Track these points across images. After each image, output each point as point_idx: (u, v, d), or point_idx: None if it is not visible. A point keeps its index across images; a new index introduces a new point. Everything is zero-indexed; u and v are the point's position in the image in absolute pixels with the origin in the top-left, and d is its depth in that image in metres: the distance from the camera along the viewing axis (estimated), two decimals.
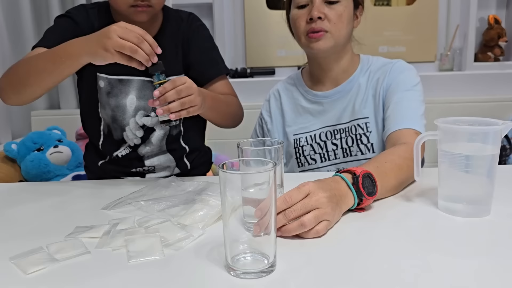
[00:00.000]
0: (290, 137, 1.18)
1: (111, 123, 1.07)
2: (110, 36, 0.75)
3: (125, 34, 0.75)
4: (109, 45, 0.75)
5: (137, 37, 0.76)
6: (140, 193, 0.85)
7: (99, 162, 1.13)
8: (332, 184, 0.70)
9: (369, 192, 0.71)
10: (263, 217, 0.53)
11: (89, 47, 0.79)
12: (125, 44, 0.75)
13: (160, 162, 1.11)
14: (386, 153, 0.85)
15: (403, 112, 0.99)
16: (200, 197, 0.76)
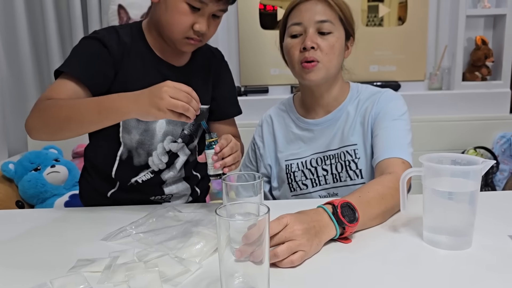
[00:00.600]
0: (282, 163, 1.22)
1: (135, 148, 1.05)
2: (163, 97, 0.78)
3: (176, 94, 0.79)
4: (162, 106, 0.78)
5: (187, 97, 0.80)
6: (139, 223, 0.88)
7: (109, 191, 1.10)
8: (313, 216, 0.74)
9: (350, 220, 0.75)
10: (248, 244, 0.57)
11: (140, 106, 0.81)
12: (178, 104, 0.78)
13: (179, 191, 1.14)
14: (371, 183, 0.89)
15: (390, 141, 1.04)
16: (196, 229, 0.80)
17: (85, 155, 1.16)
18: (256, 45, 2.33)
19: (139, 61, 1.02)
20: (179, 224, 0.86)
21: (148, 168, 1.08)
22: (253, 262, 0.58)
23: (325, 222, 0.74)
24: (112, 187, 1.10)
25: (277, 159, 1.24)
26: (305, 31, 1.08)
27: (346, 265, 0.69)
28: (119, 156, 1.06)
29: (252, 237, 0.57)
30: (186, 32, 0.95)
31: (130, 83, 0.98)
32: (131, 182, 1.08)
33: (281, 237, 0.69)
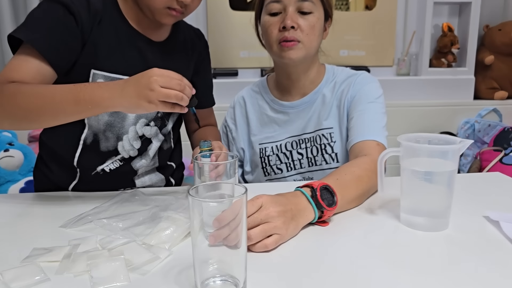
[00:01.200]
0: (256, 147, 1.18)
1: (102, 131, 0.95)
2: (153, 87, 0.71)
3: (167, 83, 0.72)
4: (153, 98, 0.71)
5: (179, 84, 0.73)
6: (102, 209, 0.81)
7: (70, 184, 0.99)
8: (290, 198, 0.71)
9: (329, 203, 0.72)
10: (220, 228, 0.53)
11: (127, 99, 0.73)
12: (171, 94, 0.72)
13: (152, 182, 1.06)
14: (347, 165, 0.87)
15: (365, 124, 1.02)
16: (166, 214, 0.75)
17: (41, 140, 1.03)
18: (225, 27, 2.26)
19: (111, 32, 0.91)
20: (146, 208, 0.80)
21: (117, 155, 0.98)
22: (228, 247, 0.54)
23: (303, 205, 0.71)
24: (73, 179, 0.99)
25: (250, 142, 1.20)
26: (284, 9, 1.03)
27: (324, 248, 0.67)
28: (83, 140, 0.96)
29: (224, 220, 0.53)
30: (168, 2, 0.87)
31: (100, 57, 0.89)
32: (96, 171, 0.98)
33: (255, 219, 0.65)
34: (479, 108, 2.07)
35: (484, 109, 2.06)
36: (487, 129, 1.97)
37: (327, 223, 0.74)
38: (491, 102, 2.11)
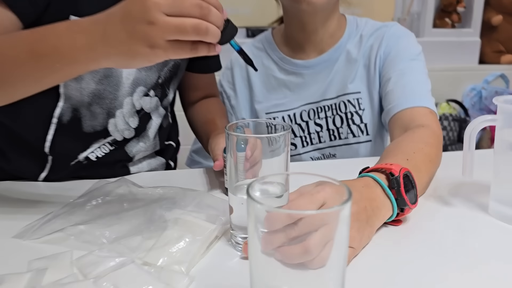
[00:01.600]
0: (262, 116, 0.96)
1: (86, 104, 0.69)
2: (154, 18, 0.43)
3: (177, 7, 0.43)
4: (156, 36, 0.44)
5: (198, 5, 0.44)
6: (75, 207, 0.57)
7: (37, 177, 0.72)
8: (362, 191, 0.50)
9: (411, 198, 0.52)
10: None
11: (114, 46, 0.46)
12: (185, 24, 0.43)
13: (151, 168, 0.81)
14: (408, 140, 0.66)
15: (411, 86, 0.81)
16: (172, 214, 0.52)
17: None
18: None
19: None
20: (141, 206, 0.56)
21: (107, 137, 0.73)
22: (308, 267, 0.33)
23: (379, 201, 0.50)
24: (41, 170, 0.71)
25: (254, 111, 0.97)
26: None
27: (402, 256, 0.47)
28: (57, 117, 0.69)
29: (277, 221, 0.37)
30: None
31: (77, 4, 0.63)
32: (77, 160, 0.71)
33: (315, 222, 0.44)
34: (484, 74, 1.92)
35: (490, 74, 1.91)
36: (494, 96, 1.84)
37: (400, 221, 0.54)
38: (498, 66, 1.97)
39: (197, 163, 1.07)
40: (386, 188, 0.51)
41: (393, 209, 0.51)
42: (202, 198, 0.57)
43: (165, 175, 0.78)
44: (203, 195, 0.58)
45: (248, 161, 0.52)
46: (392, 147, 0.65)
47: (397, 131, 0.76)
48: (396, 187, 0.51)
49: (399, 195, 0.50)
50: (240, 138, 0.49)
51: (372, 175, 0.52)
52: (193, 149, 1.07)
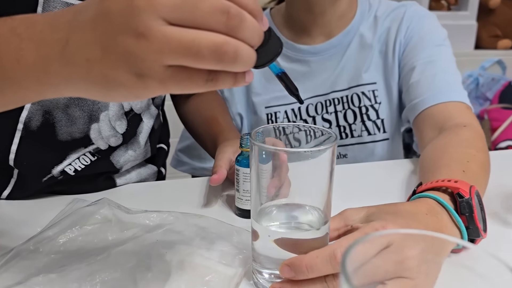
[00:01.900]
0: (261, 111, 0.84)
1: (62, 107, 0.55)
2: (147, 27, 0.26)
3: (187, 12, 0.26)
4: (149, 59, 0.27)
5: (223, 10, 0.26)
6: (43, 241, 0.44)
7: (0, 194, 0.58)
8: (427, 220, 0.39)
9: (483, 225, 0.42)
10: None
11: (81, 68, 0.29)
12: (200, 43, 0.26)
13: (141, 178, 0.67)
14: (455, 144, 0.56)
15: (441, 77, 0.70)
16: (174, 254, 0.39)
17: None
18: None
19: None
20: (130, 240, 0.43)
21: (88, 146, 0.59)
22: None
23: (448, 231, 0.39)
24: (5, 186, 0.57)
25: (251, 105, 0.85)
26: None
27: None
28: (24, 122, 0.54)
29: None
30: None
31: None
32: (51, 175, 0.57)
33: (385, 271, 0.33)
34: (480, 60, 1.85)
35: (487, 60, 1.84)
36: (490, 83, 1.77)
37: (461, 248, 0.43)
38: (494, 52, 1.90)
39: (184, 164, 0.94)
40: (455, 214, 0.40)
41: (463, 238, 0.41)
42: (210, 226, 0.44)
43: (158, 187, 0.65)
44: (209, 222, 0.46)
45: (273, 183, 0.40)
46: (436, 153, 0.54)
47: (429, 131, 0.65)
48: (468, 212, 0.40)
49: (472, 223, 0.40)
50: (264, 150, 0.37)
51: (435, 196, 0.41)
52: (179, 147, 0.94)
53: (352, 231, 0.39)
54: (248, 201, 0.50)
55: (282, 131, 0.84)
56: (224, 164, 0.55)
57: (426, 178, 0.48)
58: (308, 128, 0.42)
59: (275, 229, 0.38)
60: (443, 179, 0.43)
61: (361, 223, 0.39)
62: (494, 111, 1.67)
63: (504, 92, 1.73)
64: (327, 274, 0.34)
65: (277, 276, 0.37)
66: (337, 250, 0.33)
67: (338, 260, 0.32)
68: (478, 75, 1.78)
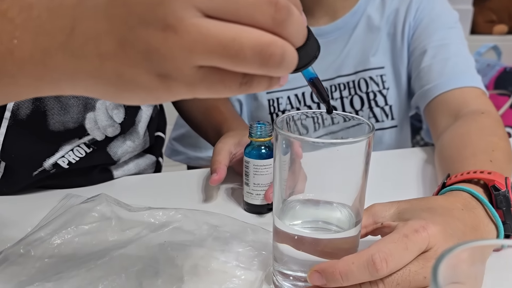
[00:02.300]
0: (262, 97, 0.79)
1: (54, 95, 0.49)
2: (178, 19, 0.21)
3: (230, 2, 0.21)
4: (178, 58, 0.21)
5: (271, 2, 0.21)
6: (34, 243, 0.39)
7: None
8: (464, 216, 0.35)
9: None
10: None
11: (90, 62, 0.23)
12: (242, 42, 0.21)
13: (139, 170, 0.62)
14: (476, 133, 0.52)
15: (455, 61, 0.67)
16: (186, 257, 0.35)
17: None
18: None
19: None
20: (134, 242, 0.39)
21: (83, 137, 0.54)
22: None
23: (484, 227, 0.36)
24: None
25: None
26: None
27: None
28: (11, 110, 0.49)
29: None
30: None
31: None
32: (42, 168, 0.52)
33: (418, 280, 0.30)
34: (476, 45, 1.82)
35: (483, 46, 1.82)
36: (486, 69, 1.75)
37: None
38: (490, 37, 1.87)
39: (179, 153, 0.89)
40: (491, 209, 0.37)
41: (498, 236, 0.37)
42: (222, 224, 0.40)
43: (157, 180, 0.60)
44: (221, 219, 0.41)
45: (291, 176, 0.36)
46: (458, 142, 0.51)
47: (444, 118, 0.62)
48: (505, 206, 0.37)
49: (509, 218, 0.37)
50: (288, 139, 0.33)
51: (469, 189, 0.38)
52: (174, 136, 0.90)
53: (382, 229, 0.36)
54: (259, 196, 0.46)
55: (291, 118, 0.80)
56: (224, 160, 0.50)
57: (453, 169, 0.45)
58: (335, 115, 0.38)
59: (299, 228, 0.34)
60: (475, 170, 0.40)
61: (392, 220, 0.35)
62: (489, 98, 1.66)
63: (499, 78, 1.71)
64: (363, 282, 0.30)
65: (302, 279, 0.33)
66: (375, 255, 0.29)
67: (378, 267, 0.29)
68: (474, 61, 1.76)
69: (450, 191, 0.39)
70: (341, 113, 0.38)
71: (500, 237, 0.37)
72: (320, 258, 0.33)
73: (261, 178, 0.45)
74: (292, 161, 0.34)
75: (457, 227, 0.33)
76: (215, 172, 0.48)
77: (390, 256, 0.29)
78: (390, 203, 0.37)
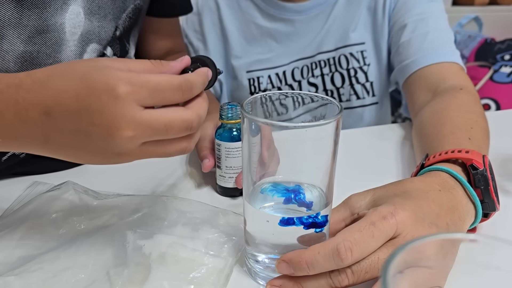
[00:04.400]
0: (242, 76, 0.77)
1: (8, 71, 0.46)
2: (130, 115, 0.30)
3: (158, 96, 0.31)
4: (131, 142, 0.30)
5: (178, 87, 0.32)
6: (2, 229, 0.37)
7: None
8: (441, 197, 0.35)
9: (497, 198, 0.38)
10: None
11: (63, 152, 0.33)
12: (172, 122, 0.31)
13: None
14: (455, 109, 0.51)
15: (434, 36, 0.65)
16: (154, 245, 0.34)
17: None
18: None
19: None
20: (101, 230, 0.37)
21: None
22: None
23: (462, 208, 0.35)
24: None
25: (230, 69, 0.79)
26: None
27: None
28: None
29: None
30: None
31: None
32: (12, 153, 0.49)
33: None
34: (458, 16, 1.80)
35: (464, 17, 1.80)
36: (467, 41, 1.74)
37: (475, 228, 0.40)
38: (471, 8, 1.85)
39: None
40: (469, 188, 0.36)
41: (477, 215, 0.37)
42: (193, 210, 0.39)
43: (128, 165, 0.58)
44: (192, 205, 0.40)
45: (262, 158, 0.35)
46: (437, 119, 0.50)
47: (421, 93, 0.61)
48: (483, 185, 0.36)
49: (487, 197, 0.36)
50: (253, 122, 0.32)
51: (448, 169, 0.37)
52: None
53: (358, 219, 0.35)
54: (231, 179, 0.45)
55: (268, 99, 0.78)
56: (210, 144, 0.49)
57: (431, 148, 0.44)
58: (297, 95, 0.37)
59: (269, 211, 0.33)
60: (453, 150, 0.39)
61: (367, 209, 0.34)
62: (470, 69, 1.64)
63: (480, 50, 1.70)
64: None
65: (274, 262, 0.32)
66: (340, 245, 0.28)
67: (342, 256, 0.28)
68: (455, 32, 1.74)
69: (428, 172, 0.38)
70: (308, 93, 0.37)
71: (478, 216, 0.37)
72: (291, 241, 0.32)
73: (233, 161, 0.44)
74: (262, 144, 0.33)
75: (430, 209, 0.33)
76: (207, 158, 0.47)
77: (356, 245, 0.29)
78: (366, 191, 0.36)
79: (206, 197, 0.45)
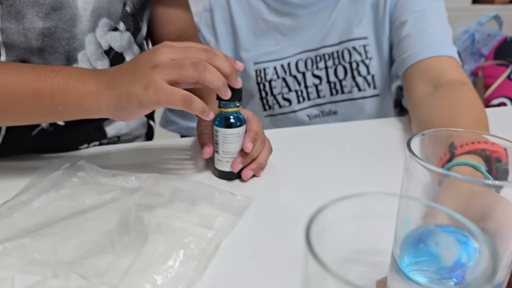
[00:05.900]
0: (250, 67, 0.81)
1: (37, 50, 0.52)
2: (158, 62, 0.42)
3: (183, 52, 0.43)
4: (155, 76, 0.42)
5: (203, 49, 0.44)
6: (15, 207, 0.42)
7: None
8: None
9: None
10: None
11: (117, 88, 0.44)
12: (184, 61, 0.42)
13: (130, 129, 0.67)
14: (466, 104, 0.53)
15: (433, 31, 0.67)
16: (152, 216, 0.38)
17: None
18: None
19: None
20: (108, 203, 0.42)
21: None
22: None
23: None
24: None
25: (239, 61, 0.81)
26: None
27: None
28: None
29: None
30: None
31: None
32: (41, 128, 0.56)
33: None
34: (478, 15, 1.78)
35: (484, 15, 1.78)
36: (486, 39, 1.72)
37: None
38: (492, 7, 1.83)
39: (173, 123, 0.92)
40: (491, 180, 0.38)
41: None
42: (191, 188, 0.43)
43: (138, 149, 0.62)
44: (191, 184, 0.44)
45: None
46: (449, 111, 0.52)
47: (420, 85, 0.63)
48: (504, 179, 0.38)
49: None
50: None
51: (474, 163, 0.37)
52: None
53: None
54: (228, 163, 0.48)
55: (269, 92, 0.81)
56: (211, 132, 0.53)
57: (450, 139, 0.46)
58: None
59: None
60: (479, 140, 0.40)
61: None
62: (488, 68, 1.63)
63: (499, 48, 1.68)
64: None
65: None
66: None
67: None
68: (474, 31, 1.73)
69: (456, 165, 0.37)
70: None
71: None
72: None
73: (230, 146, 0.47)
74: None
75: None
76: (206, 145, 0.51)
77: None
78: None
79: (206, 180, 0.49)
